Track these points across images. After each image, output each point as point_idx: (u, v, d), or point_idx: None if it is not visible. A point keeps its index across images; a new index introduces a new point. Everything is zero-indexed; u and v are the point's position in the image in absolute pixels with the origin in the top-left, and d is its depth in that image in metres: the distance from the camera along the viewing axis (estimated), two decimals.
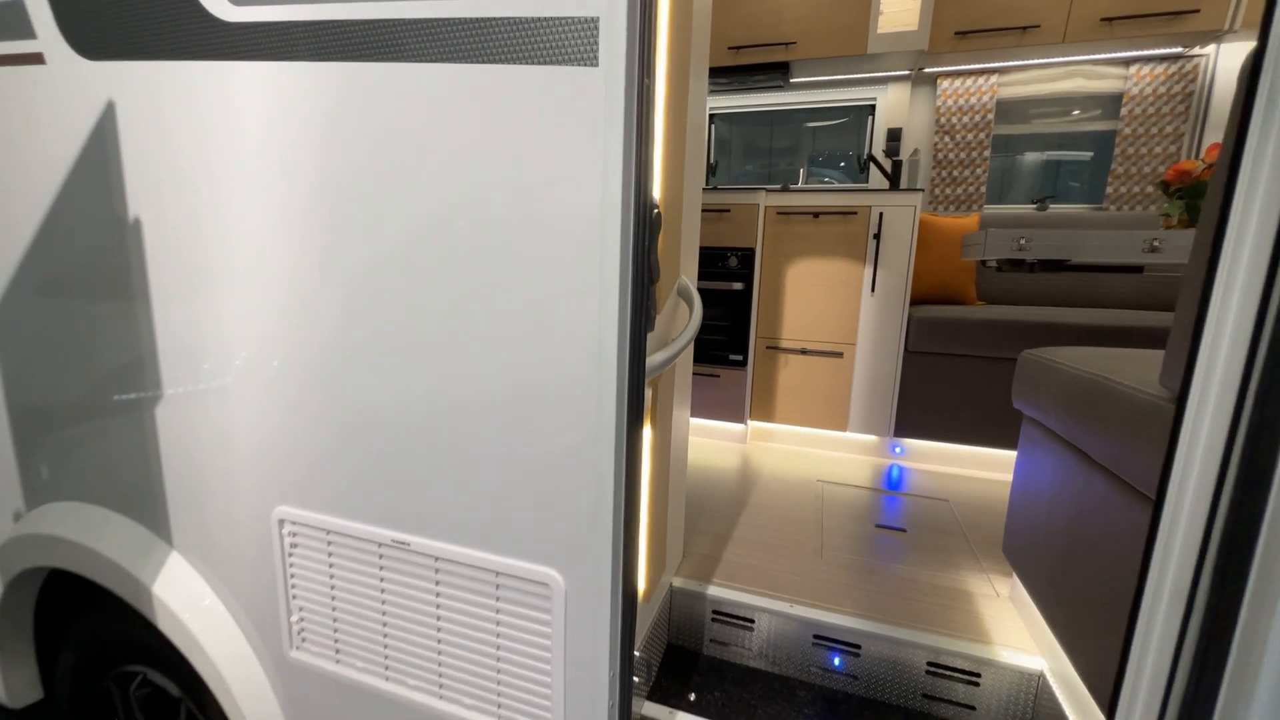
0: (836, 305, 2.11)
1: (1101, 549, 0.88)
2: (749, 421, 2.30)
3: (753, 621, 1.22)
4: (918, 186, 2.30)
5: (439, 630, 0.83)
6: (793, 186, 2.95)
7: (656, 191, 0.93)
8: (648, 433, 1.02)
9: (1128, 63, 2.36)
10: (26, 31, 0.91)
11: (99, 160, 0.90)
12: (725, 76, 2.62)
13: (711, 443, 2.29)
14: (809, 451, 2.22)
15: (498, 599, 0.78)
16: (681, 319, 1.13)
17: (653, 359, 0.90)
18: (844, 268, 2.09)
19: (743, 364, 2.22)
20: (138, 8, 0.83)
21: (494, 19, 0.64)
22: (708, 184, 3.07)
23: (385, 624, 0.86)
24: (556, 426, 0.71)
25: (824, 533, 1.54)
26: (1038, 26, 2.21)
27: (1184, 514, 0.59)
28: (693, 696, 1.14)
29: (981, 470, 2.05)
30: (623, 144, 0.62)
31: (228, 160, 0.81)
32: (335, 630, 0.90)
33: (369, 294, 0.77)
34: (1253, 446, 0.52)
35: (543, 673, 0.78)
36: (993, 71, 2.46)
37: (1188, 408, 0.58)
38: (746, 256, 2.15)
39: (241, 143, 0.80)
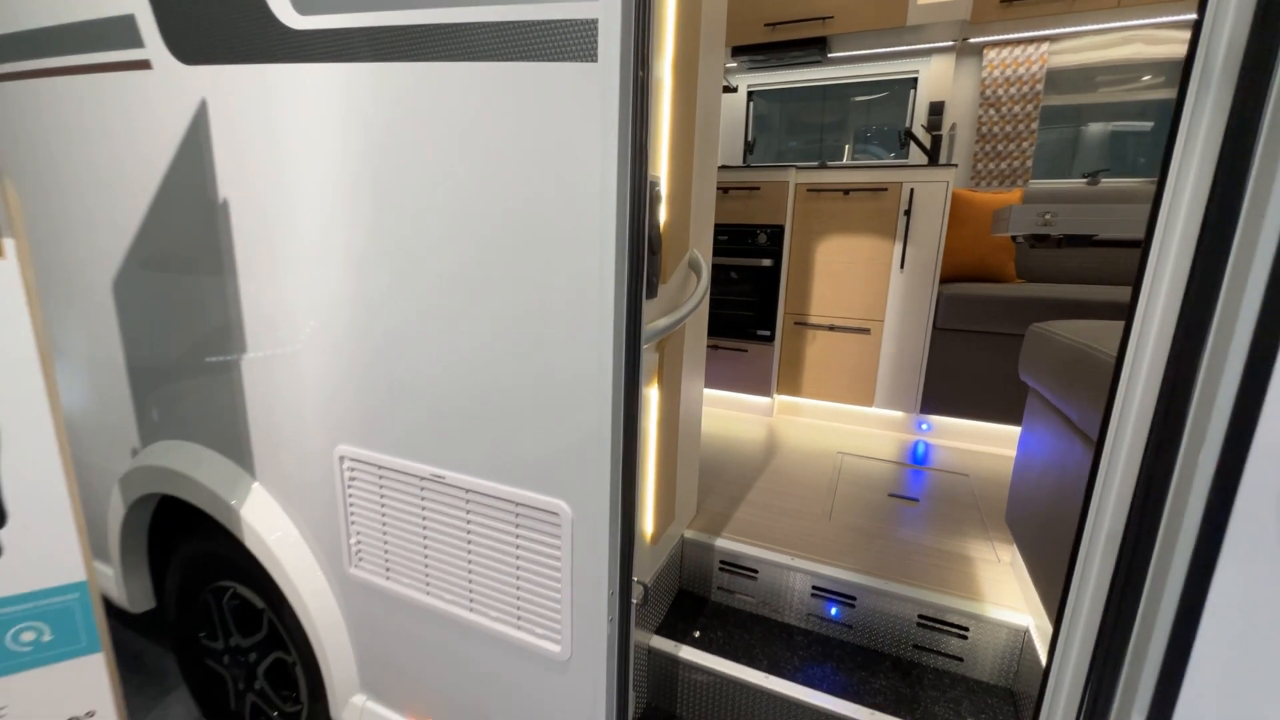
0: (865, 282, 2.13)
1: (1077, 510, 0.92)
2: (775, 395, 2.36)
3: (756, 572, 1.32)
4: (952, 162, 2.26)
5: (469, 552, 0.97)
6: (831, 163, 2.94)
7: (663, 171, 1.02)
8: (655, 394, 1.13)
9: None
10: (136, 42, 1.08)
11: (195, 153, 1.07)
12: (761, 53, 2.63)
13: (737, 415, 2.37)
14: (834, 426, 2.27)
15: (517, 525, 0.91)
16: (692, 289, 1.22)
17: (657, 324, 1.00)
18: (873, 244, 2.10)
19: (770, 339, 2.27)
20: (224, 18, 0.98)
21: (509, 22, 0.74)
22: (744, 161, 3.09)
23: (426, 547, 1.01)
24: (565, 378, 0.82)
25: (836, 499, 1.61)
26: None
27: (1120, 463, 0.64)
28: (697, 634, 1.25)
29: (1009, 448, 2.04)
30: (618, 128, 0.72)
31: (296, 150, 0.96)
32: (386, 551, 1.06)
33: (411, 267, 0.90)
34: (1169, 400, 0.57)
35: (554, 590, 0.91)
36: (1043, 39, 2.36)
37: (1124, 365, 0.63)
38: (776, 233, 2.19)
39: (307, 135, 0.94)
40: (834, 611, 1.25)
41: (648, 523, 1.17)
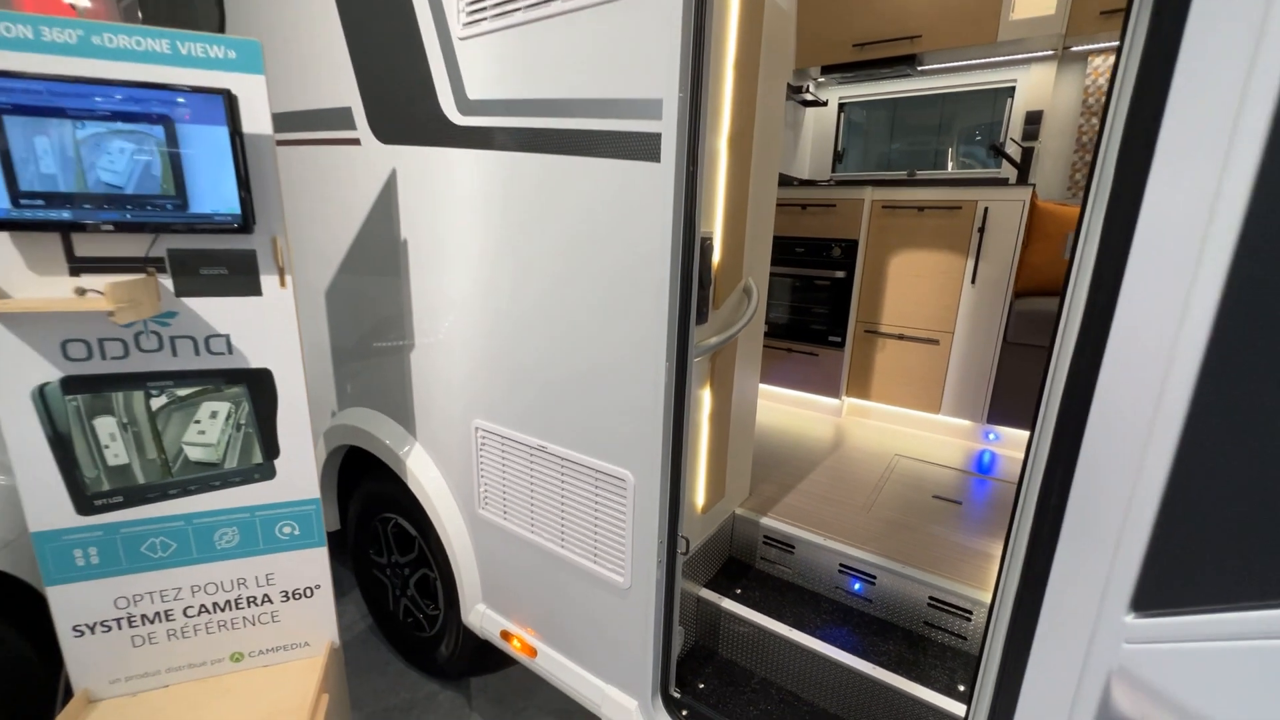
0: (935, 294, 2.23)
1: None
2: (845, 398, 2.52)
3: (794, 547, 1.57)
4: (1030, 182, 2.26)
5: (562, 503, 1.32)
6: (920, 173, 2.97)
7: (717, 224, 1.30)
8: (707, 394, 1.41)
9: None
10: (351, 126, 1.53)
11: (386, 204, 1.50)
12: (851, 70, 2.73)
13: (807, 414, 2.56)
14: (899, 429, 2.39)
15: (596, 486, 1.24)
16: (743, 311, 1.48)
17: (708, 341, 1.28)
18: (945, 259, 2.19)
19: (841, 345, 2.44)
20: (411, 114, 1.38)
21: (600, 131, 1.06)
22: (833, 169, 3.20)
23: (532, 497, 1.38)
24: (632, 382, 1.13)
25: (880, 495, 1.79)
26: None
27: (1042, 460, 0.82)
28: (739, 591, 1.53)
29: None
30: (673, 209, 1.01)
31: (452, 204, 1.35)
32: (504, 499, 1.45)
33: (527, 289, 1.25)
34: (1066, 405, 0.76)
35: (620, 535, 1.23)
36: None
37: (1048, 372, 0.81)
38: (849, 247, 2.34)
39: (461, 193, 1.32)
40: (857, 586, 1.47)
41: (699, 495, 1.46)
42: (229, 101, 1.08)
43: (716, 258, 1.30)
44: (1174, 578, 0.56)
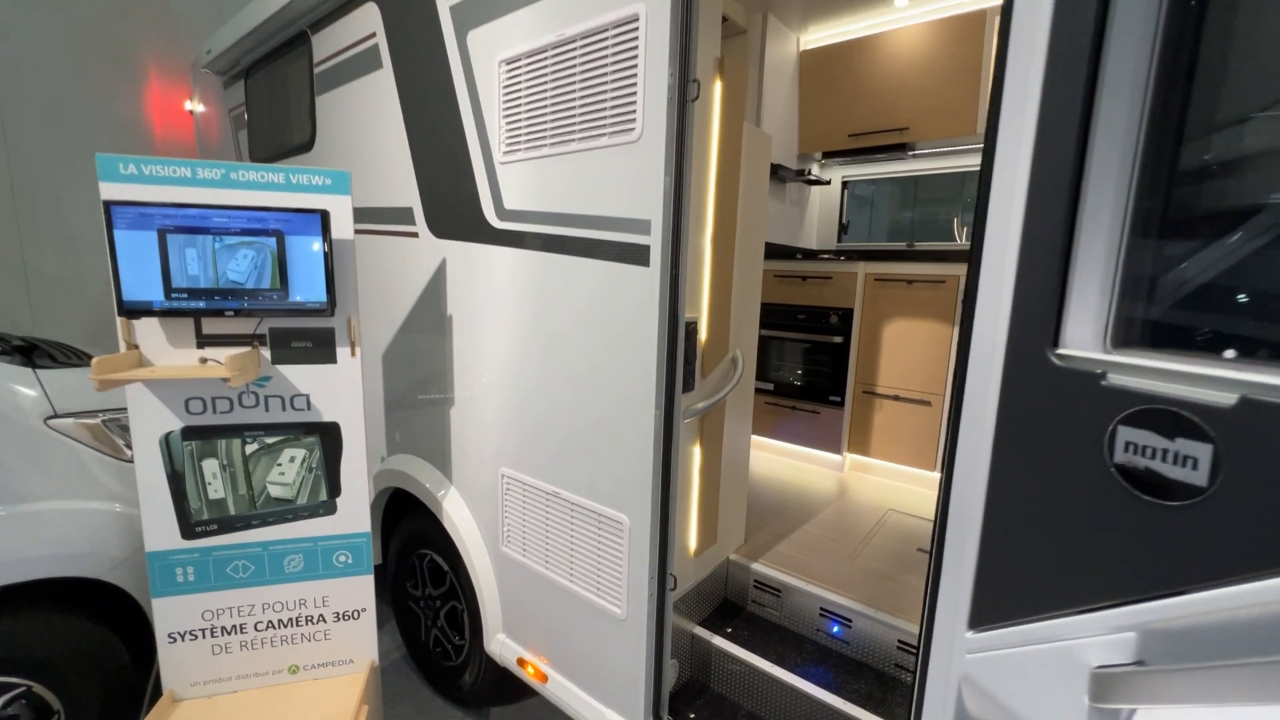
0: (925, 360, 2.41)
1: None
2: (846, 454, 2.68)
3: (780, 591, 1.73)
4: None
5: (571, 542, 1.54)
6: (921, 243, 3.20)
7: (704, 307, 1.55)
8: (697, 450, 1.63)
9: None
10: (411, 222, 1.88)
11: (437, 287, 1.82)
12: (849, 155, 3.02)
13: (811, 468, 2.72)
14: (896, 485, 2.53)
15: (599, 528, 1.46)
16: (731, 377, 1.71)
17: (695, 406, 1.51)
18: (933, 327, 2.38)
19: (840, 404, 2.62)
20: (459, 216, 1.71)
21: (604, 240, 1.34)
22: (839, 239, 3.45)
23: (547, 537, 1.60)
24: (628, 441, 1.36)
25: (867, 546, 1.94)
26: None
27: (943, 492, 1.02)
28: (729, 631, 1.69)
29: None
30: (657, 304, 1.27)
31: (489, 285, 1.65)
32: (524, 538, 1.68)
33: (545, 354, 1.51)
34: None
35: (619, 572, 1.44)
36: None
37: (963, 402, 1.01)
38: (846, 315, 2.56)
39: (496, 280, 1.62)
40: (835, 629, 1.61)
41: (691, 539, 1.66)
42: (324, 219, 1.42)
43: (703, 336, 1.55)
44: (990, 601, 0.75)
